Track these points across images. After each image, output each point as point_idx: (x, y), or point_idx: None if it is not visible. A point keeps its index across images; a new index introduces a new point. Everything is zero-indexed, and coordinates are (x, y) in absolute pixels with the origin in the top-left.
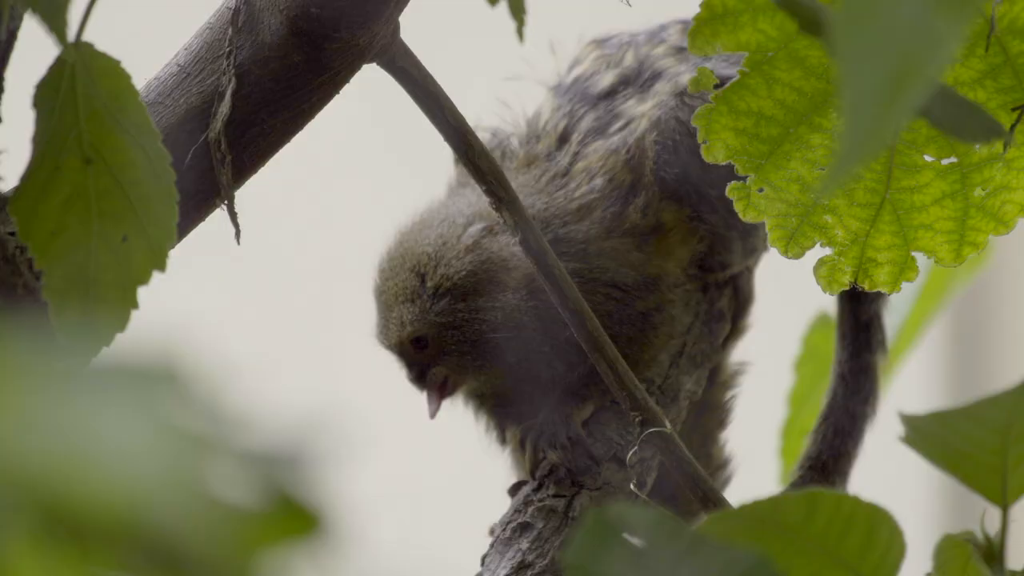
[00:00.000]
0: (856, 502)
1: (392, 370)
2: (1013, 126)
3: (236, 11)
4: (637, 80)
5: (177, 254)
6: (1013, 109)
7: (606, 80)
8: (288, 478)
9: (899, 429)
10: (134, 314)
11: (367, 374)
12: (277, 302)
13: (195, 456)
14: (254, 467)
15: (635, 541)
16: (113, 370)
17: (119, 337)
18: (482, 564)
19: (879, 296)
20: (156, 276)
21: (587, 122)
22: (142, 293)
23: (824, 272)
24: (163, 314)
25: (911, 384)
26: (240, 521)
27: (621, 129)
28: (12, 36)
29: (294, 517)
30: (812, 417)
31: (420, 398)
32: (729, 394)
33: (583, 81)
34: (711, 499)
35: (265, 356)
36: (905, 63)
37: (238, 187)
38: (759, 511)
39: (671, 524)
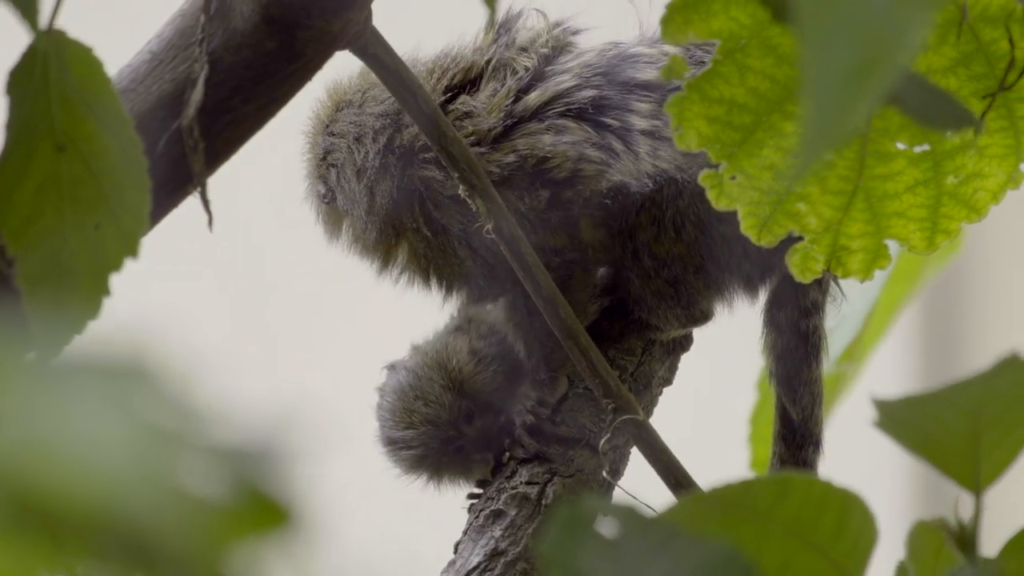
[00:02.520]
0: (828, 487)
1: (362, 364)
2: (985, 114)
3: None
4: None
5: (148, 245)
6: (985, 97)
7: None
8: (259, 473)
9: (872, 414)
10: (106, 303)
11: (338, 367)
12: (247, 294)
13: (166, 450)
14: (224, 462)
15: (608, 533)
16: (84, 364)
17: (91, 329)
18: (455, 552)
19: (816, 311)
20: (129, 265)
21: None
22: (114, 281)
23: (797, 260)
24: (134, 306)
25: (883, 370)
26: (211, 515)
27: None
28: None
29: (265, 511)
30: None
31: None
32: None
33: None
34: (684, 486)
35: (235, 349)
36: (870, 51)
37: (210, 174)
38: (730, 495)
39: (644, 517)
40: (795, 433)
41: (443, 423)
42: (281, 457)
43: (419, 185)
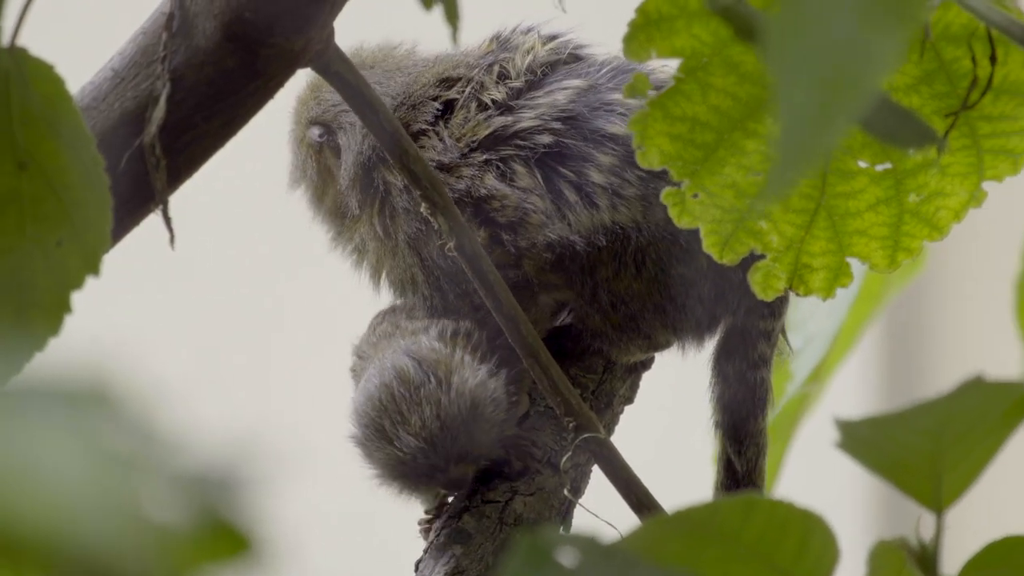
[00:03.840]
0: (790, 508)
1: (326, 388)
2: (947, 132)
3: (170, 16)
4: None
5: (109, 263)
6: (948, 115)
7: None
8: (219, 499)
9: (834, 435)
10: (67, 321)
11: (299, 390)
12: (209, 318)
13: (126, 476)
14: (185, 488)
15: (568, 563)
16: (44, 389)
17: (52, 354)
18: (416, 570)
19: (764, 364)
20: (90, 283)
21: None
22: (76, 299)
23: (759, 278)
24: (95, 328)
25: (845, 387)
26: (171, 541)
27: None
28: None
29: (225, 538)
30: None
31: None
32: None
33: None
34: (646, 505)
35: (196, 371)
36: (838, 79)
37: (172, 192)
38: (694, 518)
39: (604, 546)
40: (738, 484)
41: (439, 451)
42: (241, 483)
43: (381, 185)
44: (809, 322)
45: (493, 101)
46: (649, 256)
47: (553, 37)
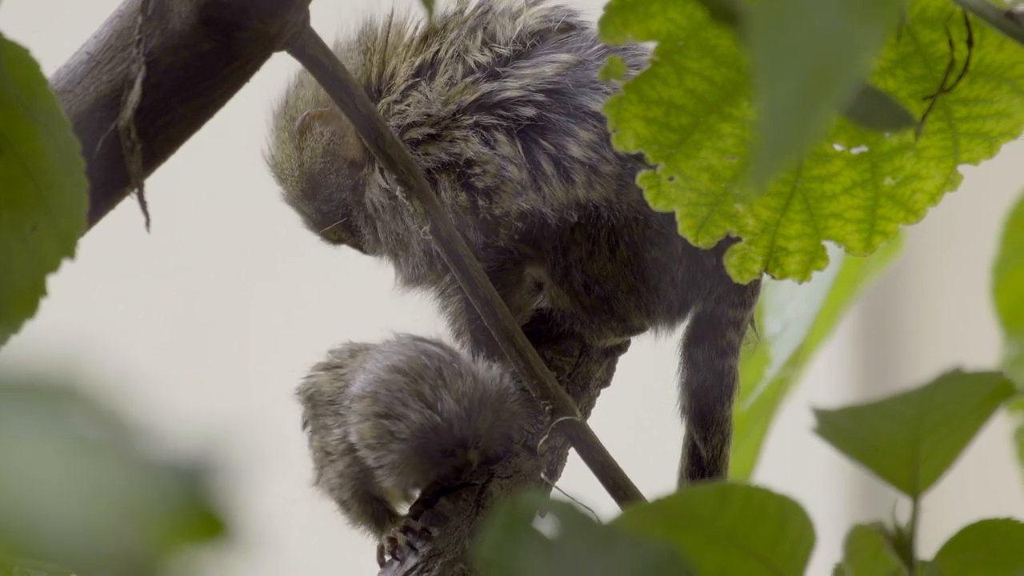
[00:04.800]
0: (767, 494)
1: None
2: (925, 115)
3: None
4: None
5: (84, 247)
6: (925, 98)
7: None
8: (195, 486)
9: (810, 421)
10: (40, 319)
11: (276, 380)
12: (186, 308)
13: (101, 464)
14: (160, 476)
15: (548, 532)
16: (17, 381)
17: (26, 345)
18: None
19: (732, 351)
20: (67, 274)
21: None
22: (51, 283)
23: (735, 261)
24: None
25: (820, 372)
26: (147, 529)
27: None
28: None
29: (201, 525)
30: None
31: None
32: None
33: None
34: (623, 489)
35: (171, 354)
36: (821, 69)
37: (148, 175)
38: (672, 504)
39: (583, 517)
40: (703, 471)
41: (471, 424)
42: (217, 472)
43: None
44: (787, 306)
45: (477, 64)
46: (623, 238)
47: (539, 1)
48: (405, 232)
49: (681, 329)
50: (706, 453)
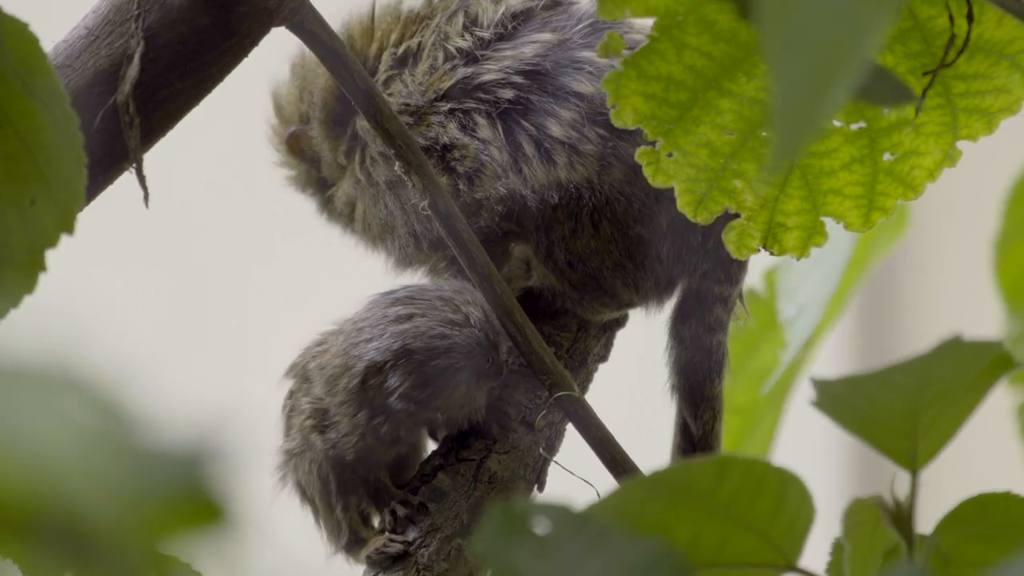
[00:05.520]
0: (766, 467)
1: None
2: (925, 91)
3: None
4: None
5: (82, 223)
6: (926, 73)
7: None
8: (193, 470)
9: (810, 394)
10: (37, 299)
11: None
12: (183, 291)
13: (101, 447)
14: (159, 459)
15: (542, 531)
16: (17, 364)
17: (22, 327)
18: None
19: (720, 328)
20: (64, 241)
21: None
22: (50, 259)
23: (733, 237)
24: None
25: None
26: (145, 512)
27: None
28: None
29: (198, 509)
30: (746, 394)
31: None
32: None
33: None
34: (620, 464)
35: (170, 333)
36: (830, 52)
37: (146, 150)
38: (670, 478)
39: (578, 515)
40: (694, 448)
41: (491, 333)
42: (214, 456)
43: (360, 131)
44: (801, 289)
45: (459, 50)
46: (605, 216)
47: None
48: (388, 216)
49: (669, 307)
50: (697, 430)
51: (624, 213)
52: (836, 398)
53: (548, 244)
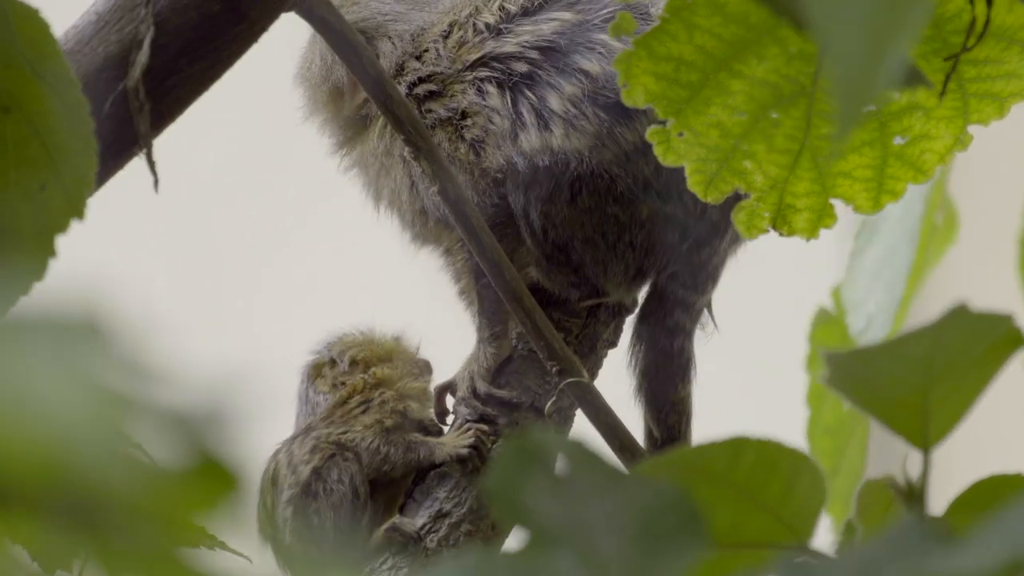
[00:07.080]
0: (779, 448)
1: (311, 327)
2: (948, 78)
3: None
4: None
5: (94, 207)
6: (946, 59)
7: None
8: (208, 435)
9: (824, 371)
10: (55, 265)
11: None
12: (195, 255)
13: (116, 412)
14: (174, 424)
15: (557, 469)
16: (33, 324)
17: (40, 288)
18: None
19: (680, 331)
20: (76, 227)
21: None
22: (61, 243)
23: (743, 217)
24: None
25: None
26: (161, 478)
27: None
28: None
29: (214, 475)
30: (833, 413)
31: None
32: None
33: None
34: (629, 450)
35: (184, 308)
36: (885, 18)
37: (156, 135)
38: (685, 458)
39: (593, 455)
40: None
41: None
42: (230, 420)
43: None
44: (868, 302)
45: (487, 25)
46: (586, 186)
47: None
48: (397, 187)
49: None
50: (660, 434)
51: (606, 190)
52: (847, 373)
53: (525, 203)
